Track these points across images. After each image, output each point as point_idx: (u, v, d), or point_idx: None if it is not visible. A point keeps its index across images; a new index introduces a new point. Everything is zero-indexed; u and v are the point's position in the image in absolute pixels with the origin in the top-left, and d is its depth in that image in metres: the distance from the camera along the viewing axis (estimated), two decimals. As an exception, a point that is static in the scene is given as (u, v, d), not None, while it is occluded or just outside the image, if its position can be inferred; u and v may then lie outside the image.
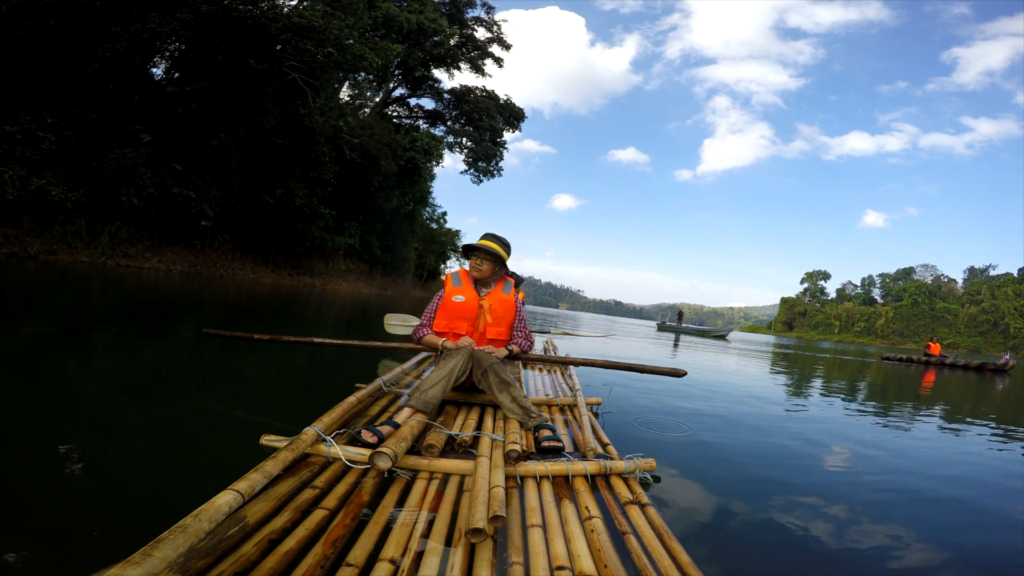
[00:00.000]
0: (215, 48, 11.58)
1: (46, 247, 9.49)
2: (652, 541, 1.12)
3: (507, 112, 26.35)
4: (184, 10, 10.55)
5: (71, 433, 1.56)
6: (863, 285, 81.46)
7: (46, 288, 5.82)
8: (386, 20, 18.75)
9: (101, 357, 2.81)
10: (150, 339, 3.61)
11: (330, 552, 0.96)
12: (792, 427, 3.05)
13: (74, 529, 1.03)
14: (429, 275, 29.84)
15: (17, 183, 8.81)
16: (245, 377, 2.79)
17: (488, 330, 2.14)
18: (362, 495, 1.20)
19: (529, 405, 1.80)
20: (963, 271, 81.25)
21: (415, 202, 24.37)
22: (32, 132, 9.15)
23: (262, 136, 13.85)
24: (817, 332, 75.75)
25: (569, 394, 2.54)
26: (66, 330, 3.43)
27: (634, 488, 1.42)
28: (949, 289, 71.12)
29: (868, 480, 2.08)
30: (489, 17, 25.12)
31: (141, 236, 11.71)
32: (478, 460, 1.38)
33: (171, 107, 11.59)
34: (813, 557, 1.32)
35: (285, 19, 11.63)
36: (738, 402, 3.77)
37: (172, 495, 1.22)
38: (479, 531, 1.02)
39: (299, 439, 1.32)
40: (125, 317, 4.51)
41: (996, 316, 61.11)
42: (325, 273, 18.12)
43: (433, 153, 23.03)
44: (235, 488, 0.96)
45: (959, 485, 2.15)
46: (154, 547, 0.74)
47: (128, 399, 2.06)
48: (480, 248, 2.13)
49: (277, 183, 14.60)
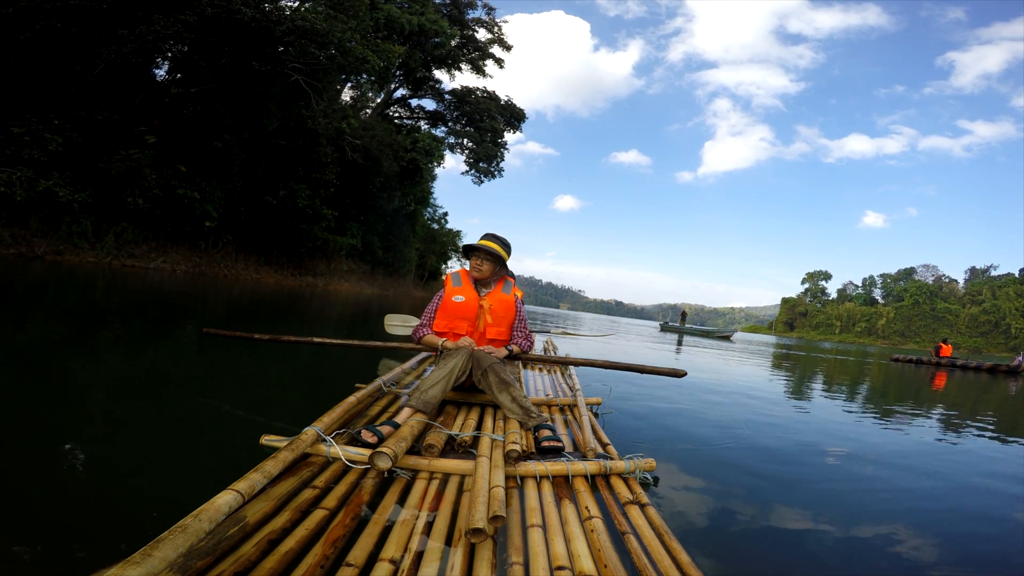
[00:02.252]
0: (219, 50, 11.64)
1: (53, 247, 9.57)
2: (652, 541, 1.12)
3: (508, 113, 26.37)
4: (188, 12, 10.62)
5: (72, 432, 1.57)
6: (864, 285, 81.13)
7: (53, 288, 5.86)
8: (388, 22, 18.80)
9: (105, 356, 2.83)
10: (153, 339, 3.63)
11: (330, 552, 0.96)
12: (793, 428, 3.03)
13: (74, 529, 1.04)
14: (430, 275, 29.88)
15: (25, 184, 8.89)
16: (245, 377, 2.80)
17: (488, 330, 2.14)
18: (362, 495, 1.20)
19: (529, 405, 1.80)
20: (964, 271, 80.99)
21: (416, 203, 24.42)
22: (39, 134, 9.24)
23: (265, 137, 13.92)
24: (818, 332, 75.43)
25: (569, 394, 2.54)
26: (72, 330, 3.45)
27: (634, 488, 1.42)
28: (950, 289, 70.72)
29: (869, 481, 2.06)
30: (490, 18, 25.18)
31: (146, 237, 11.79)
32: (478, 460, 1.38)
33: (175, 109, 11.66)
34: (813, 557, 1.32)
35: (288, 22, 11.68)
36: (739, 402, 3.75)
37: (172, 495, 1.23)
38: (479, 531, 1.02)
39: (299, 439, 1.32)
40: (130, 317, 4.54)
41: (997, 316, 60.70)
42: (327, 273, 18.18)
43: (434, 154, 23.06)
44: (235, 488, 0.97)
45: (962, 486, 2.13)
46: (154, 547, 0.74)
47: (129, 398, 2.07)
48: (480, 248, 2.13)
49: (280, 184, 14.66)
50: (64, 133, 9.65)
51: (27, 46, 9.54)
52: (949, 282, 72.81)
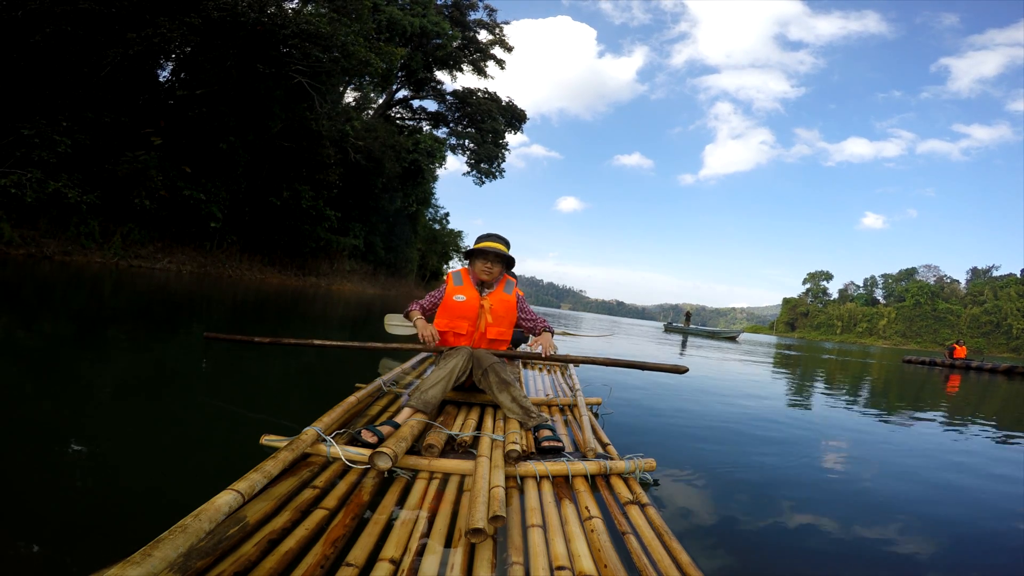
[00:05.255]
0: (224, 53, 11.74)
1: (61, 248, 9.68)
2: (652, 541, 1.12)
3: (509, 114, 26.40)
4: (193, 15, 10.71)
5: (73, 432, 1.58)
6: (865, 286, 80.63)
7: (61, 288, 5.93)
8: (390, 24, 18.88)
9: (109, 356, 2.85)
10: (157, 339, 3.66)
11: (330, 552, 0.96)
12: (795, 428, 3.01)
13: (74, 529, 1.04)
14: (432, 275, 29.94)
15: (35, 185, 9.01)
16: (246, 377, 2.82)
17: (489, 330, 2.14)
18: (362, 495, 1.20)
19: (529, 405, 1.80)
20: (966, 272, 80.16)
21: (418, 203, 24.46)
22: (48, 135, 9.36)
23: (269, 139, 14.01)
24: (819, 332, 75.01)
25: (569, 394, 2.53)
26: (78, 329, 3.49)
27: (634, 488, 1.41)
28: (952, 290, 70.15)
29: (870, 482, 2.04)
30: (491, 19, 25.21)
31: (152, 237, 11.89)
32: (478, 460, 1.38)
33: (181, 111, 11.76)
34: (813, 557, 1.31)
35: (293, 25, 11.75)
36: (740, 402, 3.73)
37: (172, 495, 1.23)
38: (479, 531, 1.02)
39: (299, 439, 1.33)
40: (135, 317, 4.58)
41: (999, 317, 60.11)
42: (330, 273, 18.27)
43: (436, 155, 23.08)
44: (235, 488, 0.97)
45: (964, 487, 2.11)
46: (154, 547, 0.74)
47: (131, 398, 2.09)
48: (491, 252, 2.13)
49: (284, 185, 14.75)
50: (72, 135, 9.76)
51: (36, 49, 9.65)
52: (951, 282, 72.25)
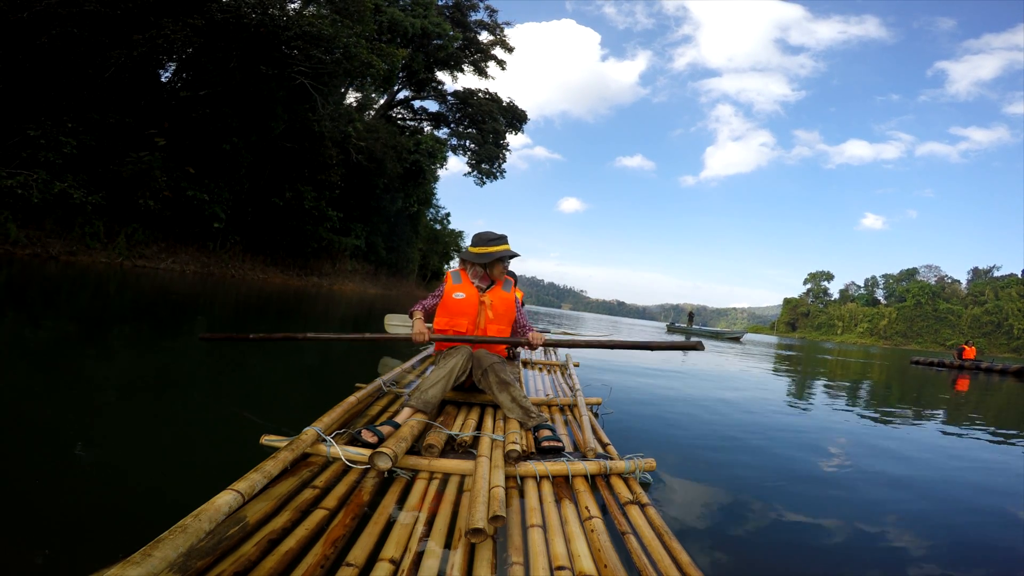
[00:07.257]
0: (227, 54, 11.78)
1: (66, 248, 9.75)
2: (652, 541, 1.11)
3: (509, 114, 26.42)
4: (196, 16, 10.76)
5: (74, 432, 1.59)
6: (866, 286, 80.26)
7: (66, 288, 5.97)
8: (391, 25, 18.91)
9: (112, 356, 2.87)
10: (160, 339, 3.68)
11: (330, 552, 0.96)
12: (795, 429, 3.00)
13: (74, 529, 1.05)
14: (433, 275, 29.98)
15: (41, 186, 9.08)
16: (246, 377, 2.83)
17: (489, 327, 2.14)
18: (362, 495, 1.20)
19: (529, 405, 1.80)
20: (967, 272, 79.69)
21: (419, 204, 24.51)
22: (54, 136, 9.43)
23: (272, 140, 14.06)
24: (820, 333, 74.71)
25: (569, 394, 2.53)
26: (82, 329, 3.51)
27: (634, 488, 1.41)
28: (952, 290, 69.74)
29: (871, 482, 2.03)
30: (492, 20, 25.21)
31: (156, 238, 11.96)
32: (478, 460, 1.38)
33: (185, 112, 11.82)
34: (813, 557, 1.30)
35: (295, 27, 11.79)
36: (740, 403, 3.71)
37: (172, 495, 1.23)
38: (479, 531, 1.02)
39: (299, 439, 1.33)
40: (139, 317, 4.61)
41: (1000, 317, 59.73)
42: (332, 273, 18.33)
43: (437, 156, 23.12)
44: (235, 488, 0.98)
45: (966, 488, 2.10)
46: (154, 547, 0.75)
47: (132, 398, 2.10)
48: (503, 257, 2.10)
49: (286, 186, 14.82)
50: (78, 136, 9.83)
51: (42, 51, 9.72)
52: (952, 283, 71.78)
